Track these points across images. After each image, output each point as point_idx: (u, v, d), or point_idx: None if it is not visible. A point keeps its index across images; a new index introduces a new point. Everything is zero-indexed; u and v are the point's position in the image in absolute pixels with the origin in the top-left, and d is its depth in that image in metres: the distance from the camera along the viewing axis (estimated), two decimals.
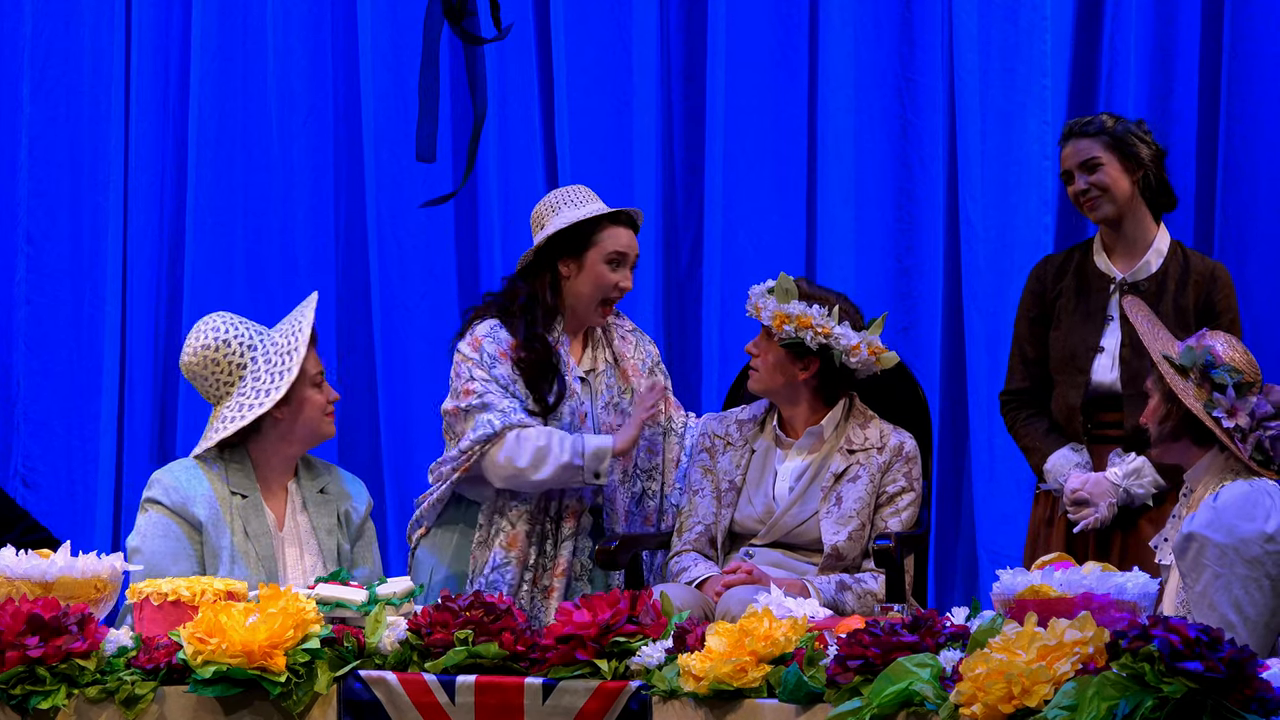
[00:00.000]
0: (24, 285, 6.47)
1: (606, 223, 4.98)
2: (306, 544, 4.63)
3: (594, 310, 5.00)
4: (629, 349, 5.11)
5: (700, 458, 5.00)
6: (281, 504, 4.65)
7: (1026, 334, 5.06)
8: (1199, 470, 4.17)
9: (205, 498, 4.55)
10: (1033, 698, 3.27)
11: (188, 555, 4.50)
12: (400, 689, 3.80)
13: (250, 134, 6.36)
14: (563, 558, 4.95)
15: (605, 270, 4.98)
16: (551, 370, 4.95)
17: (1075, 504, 4.89)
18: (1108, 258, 4.99)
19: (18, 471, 6.48)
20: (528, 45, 6.16)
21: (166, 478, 4.59)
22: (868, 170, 5.94)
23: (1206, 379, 4.10)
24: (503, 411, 4.89)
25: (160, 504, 4.55)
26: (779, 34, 6.00)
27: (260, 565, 4.53)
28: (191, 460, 4.63)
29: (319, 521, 4.65)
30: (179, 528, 4.53)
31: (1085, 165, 4.93)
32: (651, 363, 5.14)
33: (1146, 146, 4.94)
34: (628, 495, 5.05)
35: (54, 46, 6.46)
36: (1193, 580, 3.91)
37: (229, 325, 4.63)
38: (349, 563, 4.64)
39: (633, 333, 5.17)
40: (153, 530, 4.52)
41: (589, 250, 4.97)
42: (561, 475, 4.88)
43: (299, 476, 4.69)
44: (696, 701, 3.60)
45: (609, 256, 4.98)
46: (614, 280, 4.98)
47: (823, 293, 4.90)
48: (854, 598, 4.73)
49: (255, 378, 4.58)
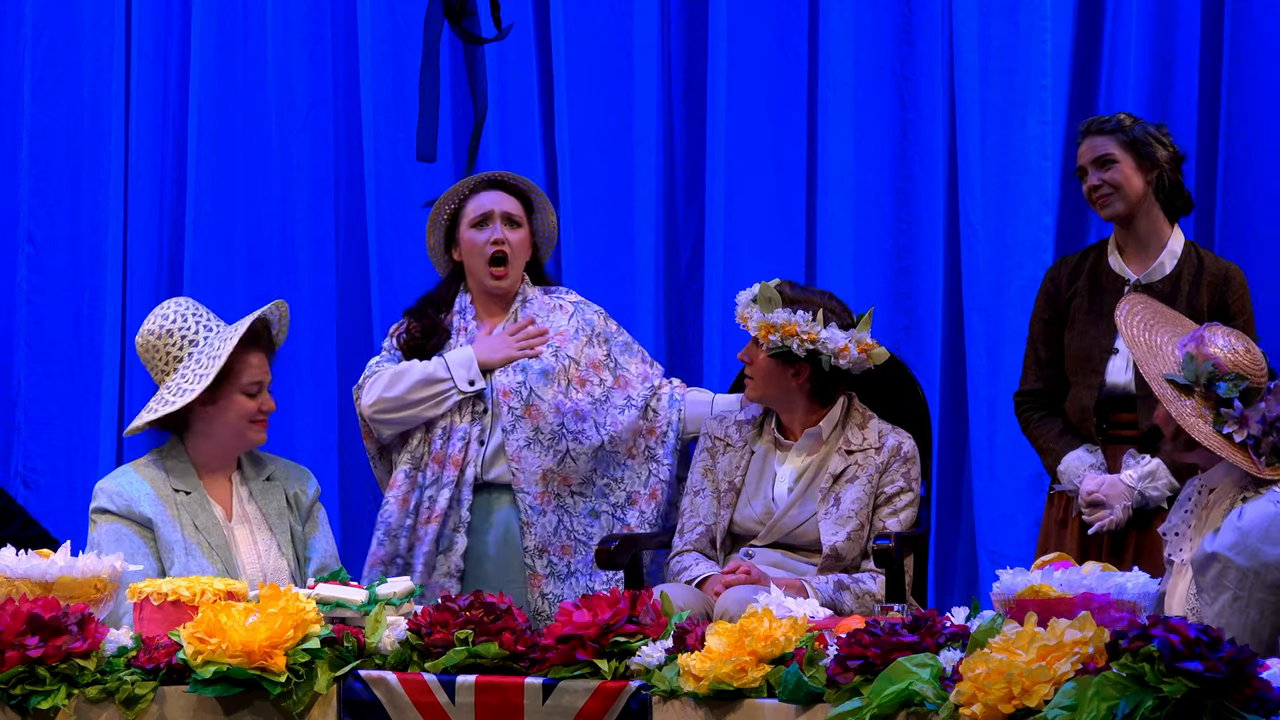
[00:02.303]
0: (25, 286, 6.48)
1: (469, 195, 5.14)
2: (258, 529, 4.65)
3: (485, 276, 5.12)
4: (560, 317, 5.15)
5: (700, 458, 5.00)
6: (227, 496, 4.68)
7: (1040, 335, 5.06)
8: (1218, 473, 4.14)
9: (148, 496, 4.58)
10: (1033, 698, 3.27)
11: (144, 554, 4.52)
12: (400, 689, 3.80)
13: (250, 134, 6.36)
14: (439, 504, 5.01)
15: (473, 235, 5.12)
16: (437, 335, 5.11)
17: (1091, 506, 4.89)
18: (1121, 259, 4.99)
19: (18, 471, 6.48)
20: (528, 45, 6.16)
21: (109, 485, 4.63)
22: (868, 170, 5.93)
23: (1211, 394, 4.07)
24: (367, 367, 5.12)
25: (107, 511, 4.58)
26: (779, 34, 6.00)
27: (215, 554, 4.56)
28: (128, 467, 4.68)
29: (268, 507, 4.68)
30: (129, 529, 4.56)
31: (1099, 161, 4.94)
32: (590, 331, 5.16)
33: (1163, 149, 4.94)
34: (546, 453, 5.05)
35: (55, 47, 6.46)
36: (1210, 598, 3.90)
37: (180, 314, 4.68)
38: (302, 544, 4.69)
39: (574, 303, 5.21)
40: (105, 539, 4.55)
41: (459, 227, 5.15)
42: (428, 388, 5.02)
43: (242, 469, 4.72)
44: (696, 701, 3.60)
45: (472, 222, 5.13)
46: (480, 242, 5.11)
47: (806, 295, 4.89)
48: (852, 598, 4.73)
49: (182, 375, 4.61)
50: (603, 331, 5.18)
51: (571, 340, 5.11)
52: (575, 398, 5.08)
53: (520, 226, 5.11)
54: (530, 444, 5.03)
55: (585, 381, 5.11)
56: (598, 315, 5.21)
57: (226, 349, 4.58)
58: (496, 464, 5.05)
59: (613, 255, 6.12)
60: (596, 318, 5.20)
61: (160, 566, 4.54)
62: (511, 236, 5.09)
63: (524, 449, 5.02)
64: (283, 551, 4.63)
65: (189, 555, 4.54)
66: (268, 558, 4.61)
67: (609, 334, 5.19)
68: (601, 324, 5.19)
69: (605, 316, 5.23)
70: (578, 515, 5.08)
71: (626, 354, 5.20)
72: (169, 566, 4.53)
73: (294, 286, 6.27)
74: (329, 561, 4.68)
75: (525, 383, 5.04)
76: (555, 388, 5.05)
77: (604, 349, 5.16)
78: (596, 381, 5.13)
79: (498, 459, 5.05)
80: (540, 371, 5.05)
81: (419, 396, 5.02)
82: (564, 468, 5.05)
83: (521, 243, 5.12)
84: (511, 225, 5.10)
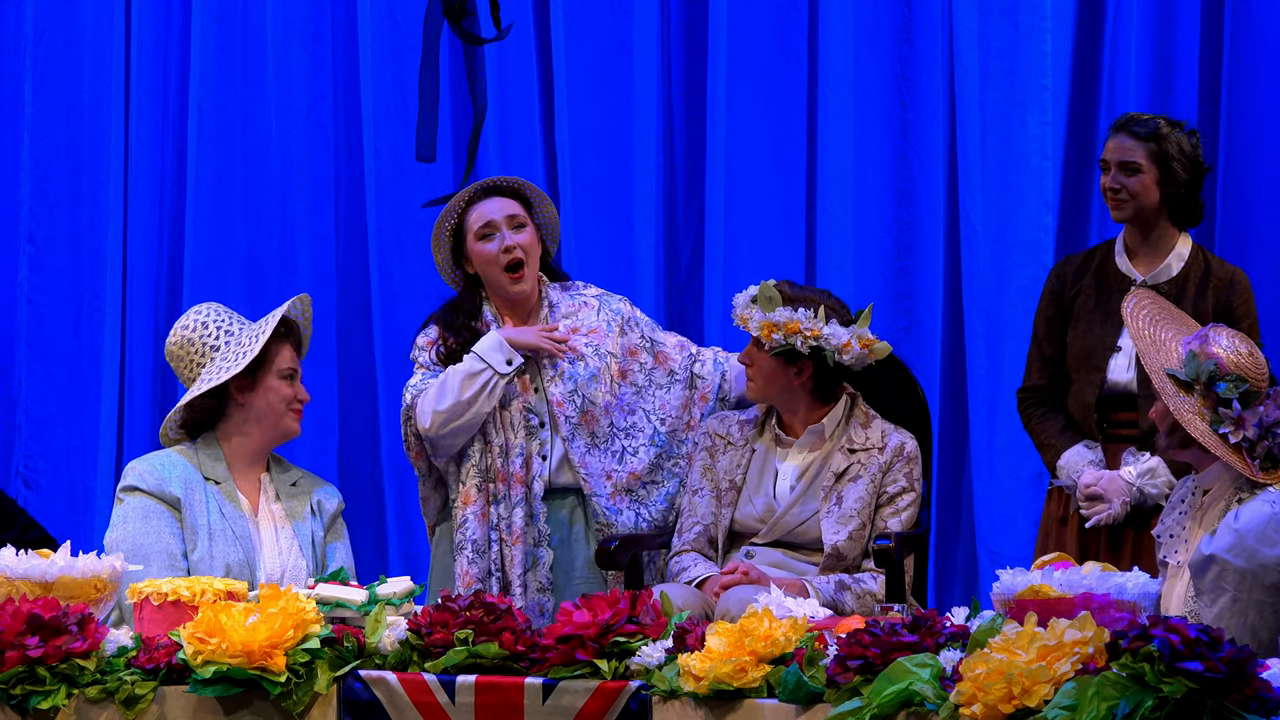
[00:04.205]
0: (26, 286, 6.48)
1: (467, 207, 5.10)
2: (281, 527, 4.66)
3: (506, 284, 5.08)
4: (589, 315, 5.13)
5: (700, 457, 5.00)
6: (255, 493, 4.69)
7: (1044, 332, 5.08)
8: (1212, 474, 4.15)
9: (180, 478, 4.59)
10: (1033, 698, 3.28)
11: (172, 532, 4.53)
12: (400, 689, 3.80)
13: (250, 134, 6.36)
14: (516, 524, 4.98)
15: (483, 247, 5.07)
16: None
17: (1088, 499, 4.90)
18: (1129, 259, 5.00)
19: (18, 471, 6.48)
20: (528, 45, 6.16)
21: (140, 465, 4.64)
22: (867, 170, 5.93)
23: (1211, 393, 4.07)
24: (412, 388, 5.05)
25: (137, 489, 4.58)
26: (779, 34, 6.00)
27: (238, 543, 4.56)
28: (164, 450, 4.69)
29: (292, 509, 4.69)
30: (160, 506, 4.57)
31: (1124, 166, 4.94)
32: (621, 320, 5.15)
33: (1185, 170, 4.93)
34: (605, 455, 5.05)
35: (55, 47, 6.46)
36: (1210, 600, 3.90)
37: (210, 311, 4.72)
38: (321, 550, 4.69)
39: (596, 296, 5.20)
40: (133, 514, 4.55)
41: (466, 240, 5.10)
42: (474, 385, 4.96)
43: (270, 470, 4.74)
44: (696, 701, 3.60)
45: (479, 233, 5.08)
46: (493, 251, 5.07)
47: (806, 294, 4.90)
48: (853, 598, 4.74)
49: (223, 357, 4.62)
50: (630, 316, 5.18)
51: (607, 335, 5.11)
52: (619, 392, 5.09)
53: (525, 226, 5.11)
54: (590, 449, 5.04)
55: (626, 371, 5.12)
56: (623, 302, 5.21)
57: (268, 329, 4.61)
58: (563, 473, 5.05)
59: (613, 255, 6.12)
60: (623, 305, 5.20)
61: (184, 547, 4.54)
62: (520, 239, 5.08)
63: (586, 455, 5.03)
64: (303, 552, 4.64)
65: (211, 540, 4.55)
66: (289, 555, 4.62)
67: (636, 318, 5.20)
68: (629, 310, 5.20)
69: (629, 302, 5.24)
70: (653, 504, 5.09)
71: (658, 330, 5.20)
72: (191, 549, 4.54)
73: (294, 286, 6.26)
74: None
75: (577, 390, 5.03)
76: (604, 387, 5.06)
77: (637, 332, 5.16)
78: (637, 367, 5.13)
79: (563, 468, 5.05)
80: (589, 376, 5.04)
81: (469, 395, 4.96)
82: (625, 464, 5.06)
83: (531, 242, 5.11)
84: (517, 228, 5.09)
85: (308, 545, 4.66)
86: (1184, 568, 4.07)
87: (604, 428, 5.06)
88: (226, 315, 4.72)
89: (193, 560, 4.51)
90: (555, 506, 5.05)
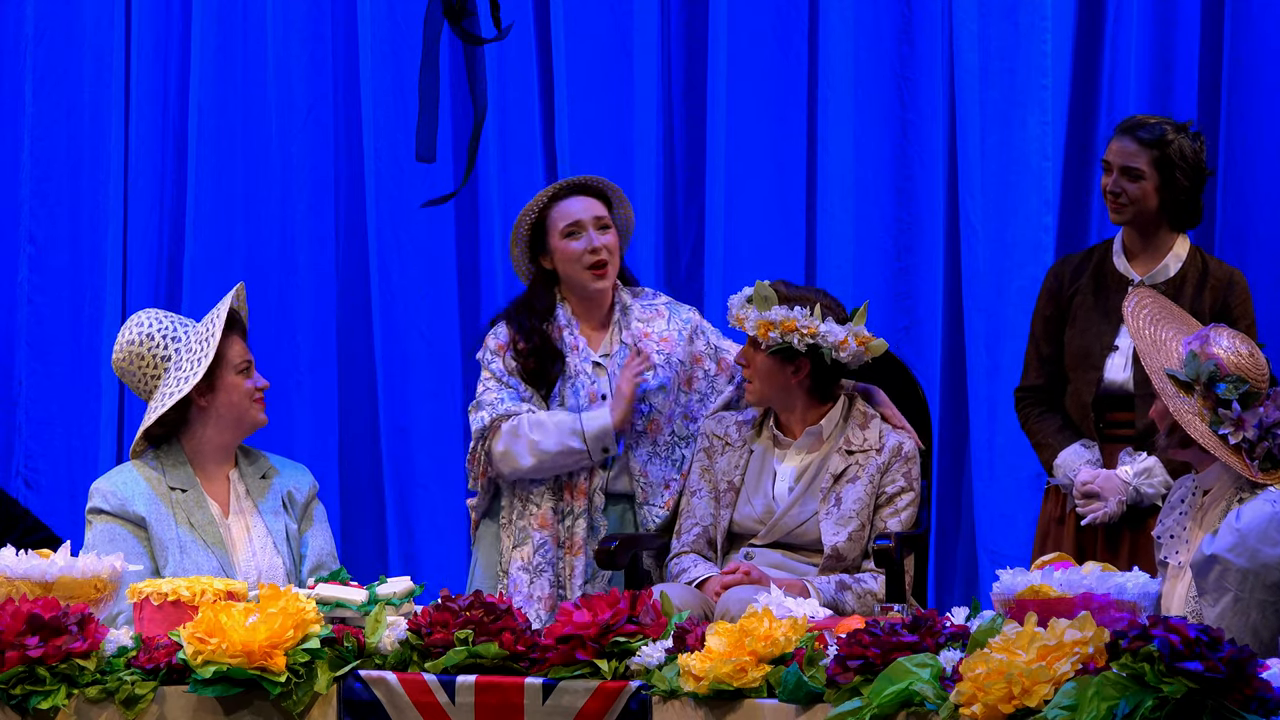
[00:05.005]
0: (26, 286, 6.47)
1: (550, 203, 5.10)
2: (254, 527, 4.65)
3: (588, 281, 5.07)
4: (660, 323, 5.13)
5: (698, 458, 5.00)
6: (224, 493, 4.68)
7: (1041, 332, 5.08)
8: (1212, 474, 4.14)
9: (143, 495, 4.59)
10: (1033, 698, 3.28)
11: (138, 554, 4.52)
12: (400, 689, 3.80)
13: (250, 134, 6.36)
14: (578, 535, 4.99)
15: (567, 245, 5.07)
16: (552, 356, 5.04)
17: (1085, 497, 4.91)
18: (1127, 260, 5.01)
19: (19, 471, 6.48)
20: (528, 45, 6.16)
21: (103, 484, 4.63)
22: (867, 170, 5.93)
23: (1211, 394, 4.07)
24: (491, 405, 5.02)
25: (102, 511, 4.59)
26: (779, 34, 6.00)
27: (209, 551, 4.56)
28: (127, 464, 4.68)
29: (264, 505, 4.68)
30: (124, 529, 4.56)
31: (1126, 171, 4.94)
32: (690, 329, 5.16)
33: (1192, 171, 4.93)
34: (666, 464, 5.07)
35: (55, 47, 6.46)
36: (1213, 600, 3.90)
37: (152, 320, 4.69)
38: (297, 542, 4.67)
39: (666, 305, 5.20)
40: (99, 540, 4.56)
41: (548, 237, 5.09)
42: (568, 460, 4.99)
43: (239, 465, 4.72)
44: (696, 701, 3.60)
45: (564, 231, 5.07)
46: (579, 250, 5.07)
47: (801, 292, 4.90)
48: (854, 598, 4.74)
49: (178, 367, 4.61)
50: (698, 324, 5.20)
51: (677, 344, 5.12)
52: (684, 401, 5.11)
53: (609, 228, 5.11)
54: (651, 458, 5.06)
55: (693, 380, 5.14)
56: (692, 312, 5.23)
57: (217, 330, 4.60)
58: (620, 480, 5.07)
59: None
60: (692, 315, 5.22)
61: (155, 565, 4.54)
62: (606, 240, 5.08)
63: (647, 464, 5.05)
64: (278, 548, 4.63)
65: (183, 553, 4.54)
66: (263, 554, 4.61)
67: (703, 326, 5.21)
68: (697, 319, 5.21)
69: (698, 312, 5.26)
70: None
71: (722, 338, 5.21)
72: (163, 565, 4.54)
73: (294, 286, 6.27)
74: (325, 559, 4.69)
75: (645, 399, 5.05)
76: (670, 397, 5.08)
77: (703, 339, 5.17)
78: (701, 374, 5.15)
79: (622, 475, 5.06)
80: (658, 386, 5.05)
81: (559, 464, 5.00)
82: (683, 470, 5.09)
83: (615, 244, 5.12)
84: (603, 229, 5.09)
85: (282, 541, 4.65)
86: (1185, 568, 4.07)
87: (666, 436, 5.08)
88: (169, 320, 4.69)
89: (166, 576, 4.49)
90: (606, 513, 5.07)
